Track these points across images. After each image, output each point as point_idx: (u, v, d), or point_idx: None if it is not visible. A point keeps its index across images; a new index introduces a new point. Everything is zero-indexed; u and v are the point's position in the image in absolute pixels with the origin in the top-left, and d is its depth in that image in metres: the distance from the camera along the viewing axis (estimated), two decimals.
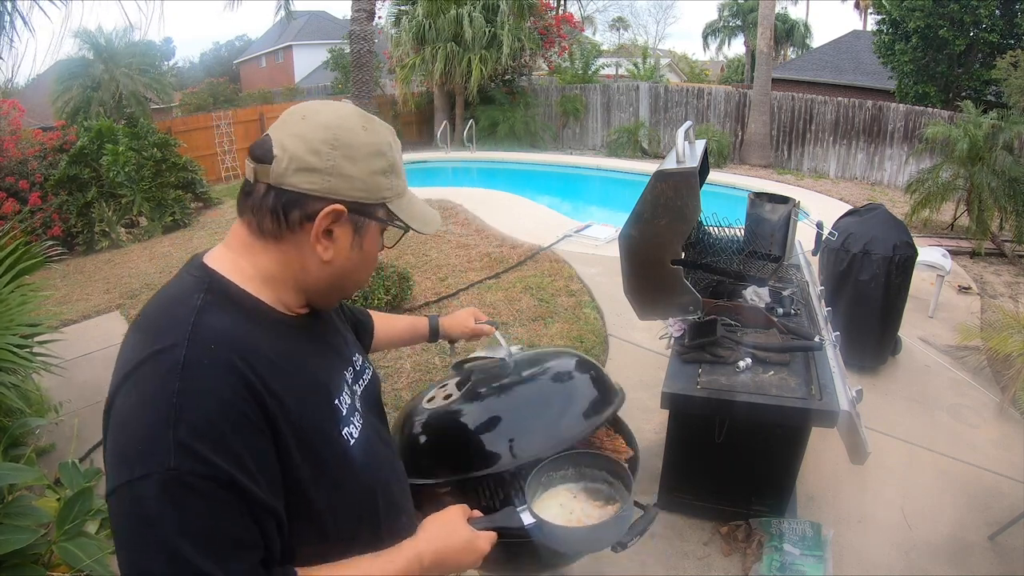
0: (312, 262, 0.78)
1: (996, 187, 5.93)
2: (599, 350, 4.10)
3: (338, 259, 0.79)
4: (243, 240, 0.79)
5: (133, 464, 0.63)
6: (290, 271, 0.79)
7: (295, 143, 0.74)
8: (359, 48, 4.25)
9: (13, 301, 2.65)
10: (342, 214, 0.76)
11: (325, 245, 0.77)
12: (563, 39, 14.75)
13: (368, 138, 0.78)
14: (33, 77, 6.21)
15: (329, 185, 0.75)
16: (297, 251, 0.77)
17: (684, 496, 2.53)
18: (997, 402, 3.44)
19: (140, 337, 0.71)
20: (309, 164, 0.74)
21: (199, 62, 34.94)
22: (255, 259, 0.78)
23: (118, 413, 0.68)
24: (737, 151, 11.67)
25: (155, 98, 11.66)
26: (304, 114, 0.77)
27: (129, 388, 0.67)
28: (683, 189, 2.08)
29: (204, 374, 0.66)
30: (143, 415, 0.65)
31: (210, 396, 0.65)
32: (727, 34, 27.52)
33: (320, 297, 0.84)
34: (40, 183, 7.30)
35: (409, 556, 0.82)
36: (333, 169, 0.75)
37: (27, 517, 1.59)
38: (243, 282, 0.77)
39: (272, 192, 0.75)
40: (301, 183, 0.74)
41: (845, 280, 3.63)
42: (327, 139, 0.75)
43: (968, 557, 2.38)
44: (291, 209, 0.75)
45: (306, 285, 0.80)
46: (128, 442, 0.65)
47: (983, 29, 10.72)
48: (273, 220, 0.76)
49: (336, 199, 0.76)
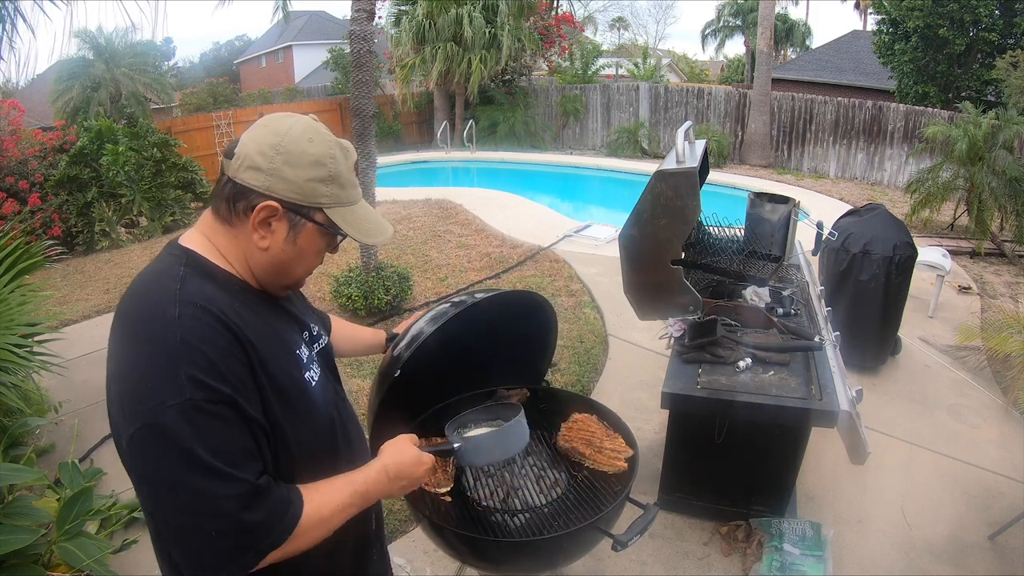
0: (253, 248, 0.91)
1: (996, 187, 5.93)
2: (599, 350, 4.10)
3: (274, 249, 0.91)
4: (209, 223, 0.94)
5: (148, 401, 0.76)
6: (240, 252, 0.92)
7: (250, 145, 0.88)
8: (359, 48, 4.24)
9: (13, 301, 2.65)
10: (276, 210, 0.89)
11: (262, 234, 0.90)
12: (563, 39, 14.75)
13: (311, 148, 0.90)
14: (33, 77, 6.22)
15: (269, 183, 0.88)
16: (244, 236, 0.91)
17: (684, 496, 2.53)
18: (997, 402, 3.44)
19: (135, 303, 0.86)
20: (255, 164, 0.87)
21: (199, 62, 34.93)
22: (217, 239, 0.92)
23: (127, 363, 0.81)
24: (737, 151, 11.67)
25: (155, 98, 11.66)
26: (267, 123, 0.91)
27: (135, 341, 0.82)
28: (683, 189, 2.08)
29: (197, 325, 0.81)
30: (153, 361, 0.78)
31: (205, 341, 0.80)
32: (727, 34, 27.50)
33: (264, 280, 0.96)
34: (40, 183, 7.30)
35: (378, 468, 1.02)
36: (274, 171, 0.87)
37: (27, 517, 1.59)
38: (213, 257, 0.91)
39: (229, 183, 0.89)
40: (248, 179, 0.88)
41: (845, 280, 3.63)
42: (274, 144, 0.88)
43: (968, 557, 2.38)
44: (238, 199, 0.89)
45: (252, 267, 0.94)
46: (140, 385, 0.78)
47: (983, 29, 10.72)
48: (226, 207, 0.90)
49: (273, 197, 0.88)
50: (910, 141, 9.66)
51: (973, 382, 3.66)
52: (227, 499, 0.77)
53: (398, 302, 4.62)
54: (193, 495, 0.76)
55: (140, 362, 0.79)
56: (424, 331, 1.50)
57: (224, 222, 0.92)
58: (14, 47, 3.71)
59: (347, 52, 7.86)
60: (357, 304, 4.42)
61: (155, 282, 0.87)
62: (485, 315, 1.57)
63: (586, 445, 1.67)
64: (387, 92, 13.72)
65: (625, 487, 1.52)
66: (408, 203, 8.20)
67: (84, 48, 10.37)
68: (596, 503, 1.55)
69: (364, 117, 4.33)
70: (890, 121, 10.01)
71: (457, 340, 1.53)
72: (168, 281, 0.85)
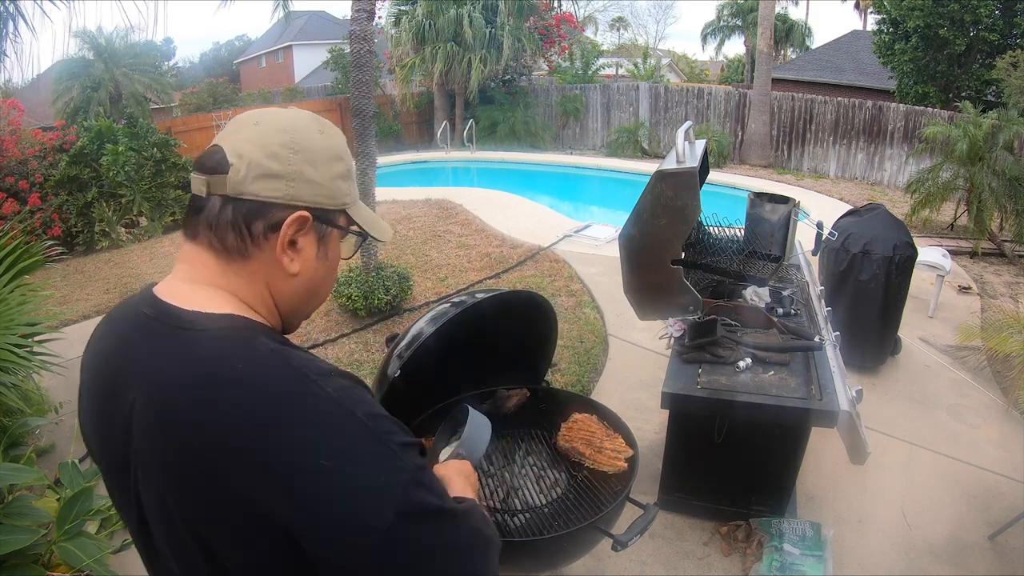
0: (279, 277, 0.73)
1: (996, 187, 5.93)
2: (599, 350, 4.10)
3: (305, 271, 0.74)
4: (210, 266, 0.71)
5: (387, 492, 0.61)
6: (259, 291, 0.73)
7: (252, 149, 0.69)
8: (359, 48, 4.24)
9: (13, 301, 2.65)
10: (307, 221, 0.71)
11: (291, 257, 0.72)
12: (563, 39, 14.75)
13: (326, 142, 0.75)
14: (33, 77, 6.21)
15: (292, 191, 0.70)
16: (263, 267, 0.71)
17: (684, 496, 2.53)
18: (997, 402, 3.44)
19: (244, 393, 0.61)
20: (270, 170, 0.69)
21: (199, 62, 34.91)
22: (231, 283, 0.71)
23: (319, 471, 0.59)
24: (737, 151, 11.67)
25: (155, 98, 11.67)
26: (257, 120, 0.73)
27: (302, 444, 0.60)
28: (683, 189, 2.08)
29: (347, 386, 0.65)
30: (357, 448, 0.62)
31: (366, 399, 0.67)
32: (727, 34, 27.49)
33: (289, 316, 0.78)
34: (40, 183, 7.30)
35: (461, 470, 0.96)
36: (295, 174, 0.70)
37: (27, 517, 1.59)
38: (240, 311, 0.70)
39: (230, 204, 0.69)
40: (262, 191, 0.69)
41: (845, 280, 3.63)
42: (286, 143, 0.70)
43: (968, 557, 2.38)
44: (254, 220, 0.69)
45: (276, 304, 0.75)
46: (362, 477, 0.61)
47: (983, 29, 10.71)
48: (236, 235, 0.69)
49: (300, 205, 0.71)
50: (910, 141, 9.66)
51: (973, 382, 3.65)
52: (480, 524, 0.73)
53: (398, 302, 4.62)
54: (472, 536, 0.70)
55: (340, 454, 0.61)
56: (424, 331, 1.50)
57: (236, 256, 0.70)
58: (17, 45, 3.71)
59: (347, 52, 7.86)
60: (357, 304, 4.42)
61: (248, 365, 0.63)
62: (485, 315, 1.57)
63: (586, 445, 1.67)
64: (387, 92, 13.72)
65: (625, 487, 1.52)
66: (408, 203, 8.20)
67: (84, 48, 10.38)
68: (596, 503, 1.55)
69: (364, 117, 4.33)
70: (890, 121, 10.01)
71: (457, 340, 1.53)
72: (262, 359, 0.64)
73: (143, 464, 0.65)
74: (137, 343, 0.69)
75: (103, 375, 0.72)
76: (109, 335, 0.75)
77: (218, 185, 0.69)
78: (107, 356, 0.73)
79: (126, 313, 0.74)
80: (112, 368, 0.71)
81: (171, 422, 0.62)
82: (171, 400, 0.62)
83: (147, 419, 0.64)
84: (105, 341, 0.75)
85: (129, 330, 0.71)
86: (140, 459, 0.66)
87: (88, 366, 0.76)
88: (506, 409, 1.84)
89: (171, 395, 0.62)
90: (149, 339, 0.68)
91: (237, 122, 0.74)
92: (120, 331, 0.73)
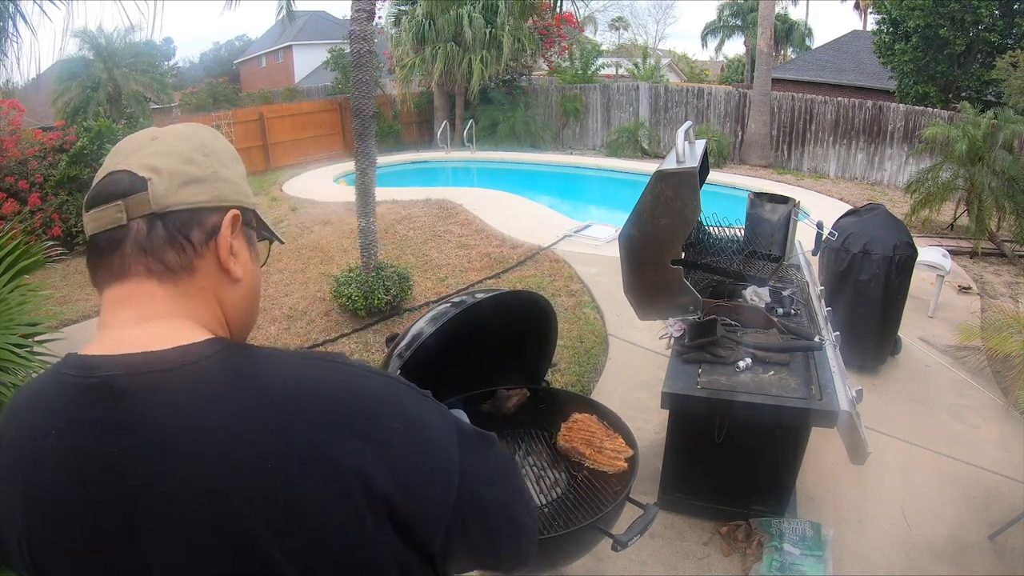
0: (224, 287, 0.67)
1: (996, 187, 5.93)
2: (599, 350, 4.10)
3: (247, 275, 0.69)
4: (159, 296, 0.62)
5: (449, 433, 0.65)
6: (212, 308, 0.66)
7: (166, 160, 0.64)
8: (359, 48, 4.24)
9: (13, 301, 2.64)
10: (239, 221, 0.67)
11: (234, 261, 0.67)
12: (563, 39, 14.74)
13: (223, 143, 0.72)
14: (33, 77, 6.20)
15: (217, 191, 0.66)
16: (209, 280, 0.65)
17: (684, 496, 2.53)
18: (997, 402, 3.44)
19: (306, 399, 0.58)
20: (192, 175, 0.64)
21: (199, 62, 34.91)
22: (186, 309, 0.63)
23: (398, 433, 0.60)
24: (737, 151, 11.67)
25: (155, 98, 11.66)
26: (153, 136, 0.68)
27: (375, 417, 0.60)
28: (683, 189, 2.08)
29: (366, 369, 0.66)
30: (413, 404, 0.64)
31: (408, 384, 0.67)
32: (727, 34, 27.49)
33: (243, 325, 0.72)
34: (40, 183, 7.30)
35: None
36: (214, 175, 0.66)
37: None
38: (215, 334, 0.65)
39: (158, 220, 0.62)
40: (190, 197, 0.63)
41: (845, 280, 3.63)
42: (196, 147, 0.67)
43: (968, 557, 2.38)
44: (190, 229, 0.63)
45: (227, 315, 0.68)
46: (431, 427, 0.64)
47: (983, 29, 10.71)
48: (176, 250, 0.62)
49: (227, 205, 0.67)
50: (910, 141, 9.66)
51: (973, 382, 3.65)
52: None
53: (398, 302, 4.62)
54: (522, 495, 0.78)
55: (409, 417, 0.62)
56: (424, 331, 1.50)
57: (178, 278, 0.63)
58: (17, 45, 3.71)
59: (347, 52, 7.86)
60: (357, 304, 4.42)
61: (293, 378, 0.60)
62: (485, 315, 1.57)
63: (586, 445, 1.67)
64: (387, 92, 13.72)
65: (625, 487, 1.52)
66: (408, 203, 8.20)
67: (84, 48, 10.37)
68: (596, 503, 1.55)
69: (364, 117, 4.33)
70: (890, 121, 10.01)
71: (457, 340, 1.53)
72: (291, 361, 0.62)
73: (217, 531, 0.54)
74: (128, 413, 0.55)
75: (77, 482, 0.56)
76: (60, 427, 0.57)
77: (140, 205, 0.61)
78: (79, 452, 0.56)
79: (65, 395, 0.58)
80: (100, 458, 0.55)
81: (262, 464, 0.54)
82: (229, 444, 0.54)
83: (206, 484, 0.54)
84: (47, 442, 0.57)
85: (91, 411, 0.56)
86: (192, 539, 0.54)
87: (37, 491, 0.58)
88: (506, 409, 1.84)
89: (248, 441, 0.54)
90: (146, 400, 0.56)
91: (128, 146, 0.67)
92: (77, 414, 0.57)
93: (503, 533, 0.73)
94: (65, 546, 0.58)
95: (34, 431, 0.59)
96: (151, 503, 0.54)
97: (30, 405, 0.62)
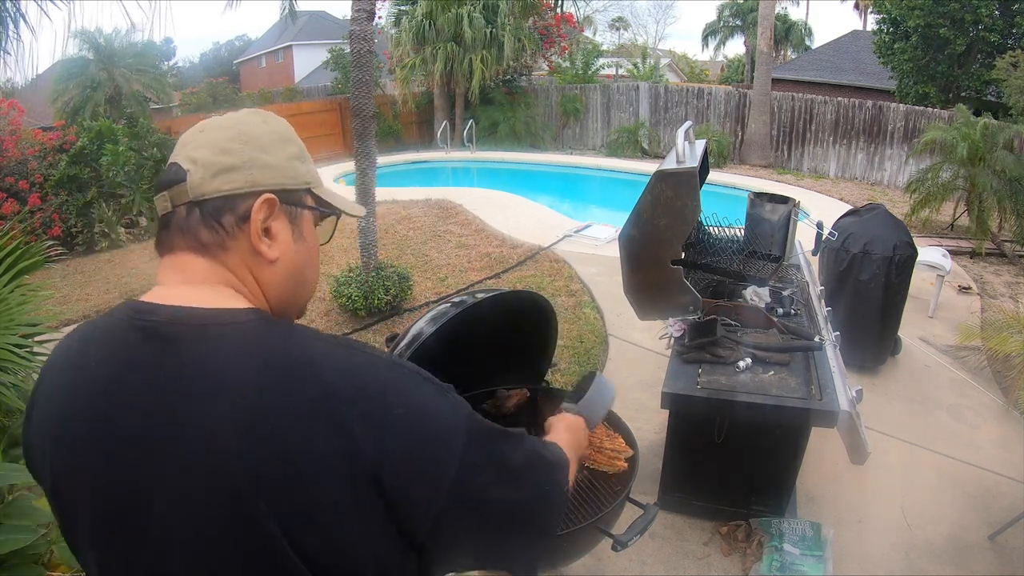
0: (260, 266, 0.73)
1: (997, 187, 5.92)
2: (599, 350, 4.10)
3: (285, 256, 0.74)
4: (199, 266, 0.70)
5: (458, 423, 0.68)
6: (248, 282, 0.73)
7: (202, 152, 0.71)
8: (359, 48, 4.25)
9: (13, 301, 2.64)
10: (275, 204, 0.72)
11: (267, 244, 0.72)
12: (563, 39, 14.74)
13: (270, 127, 0.76)
14: (33, 77, 6.20)
15: (251, 178, 0.71)
16: (243, 258, 0.71)
17: (684, 496, 2.53)
18: (997, 402, 3.45)
19: (312, 380, 0.62)
20: (224, 164, 0.70)
21: (199, 62, 34.92)
22: (224, 277, 0.71)
23: (400, 416, 0.64)
24: (737, 151, 11.67)
25: (155, 98, 11.67)
26: (201, 128, 0.74)
27: (386, 399, 0.64)
28: (683, 189, 2.08)
29: (392, 359, 0.73)
30: (425, 392, 0.68)
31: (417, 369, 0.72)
32: (727, 34, 27.49)
33: (285, 302, 0.77)
34: (40, 183, 7.30)
35: (568, 422, 1.17)
36: (250, 162, 0.71)
37: (27, 517, 1.59)
38: (253, 304, 0.72)
39: (195, 207, 0.70)
40: (222, 185, 0.70)
41: (845, 280, 3.63)
42: (233, 137, 0.72)
43: (968, 557, 2.38)
44: (222, 215, 0.70)
45: (266, 295, 0.74)
46: (439, 414, 0.68)
47: (983, 29, 10.71)
48: (209, 231, 0.70)
49: (263, 190, 0.71)
50: (910, 141, 9.66)
51: (973, 382, 3.65)
52: (539, 447, 0.81)
53: (398, 302, 4.62)
54: (532, 457, 0.78)
55: (415, 411, 0.66)
56: (424, 331, 1.49)
57: (213, 254, 0.70)
58: (18, 45, 3.71)
59: (347, 52, 7.86)
60: (357, 304, 4.42)
61: (310, 354, 0.65)
62: (485, 315, 1.57)
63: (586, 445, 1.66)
64: (387, 92, 13.71)
65: (625, 487, 1.52)
66: (408, 203, 8.20)
67: (84, 48, 10.37)
68: (596, 503, 1.54)
69: (364, 117, 4.33)
70: (890, 121, 10.01)
71: (457, 340, 1.52)
72: (314, 344, 0.66)
73: (215, 472, 0.59)
74: (167, 352, 0.63)
75: (114, 402, 0.64)
76: (101, 358, 0.66)
77: (179, 195, 0.70)
78: (113, 380, 0.64)
79: (114, 332, 0.67)
80: (131, 388, 0.63)
81: (267, 413, 0.59)
82: (263, 392, 0.60)
83: (232, 421, 0.59)
84: (101, 367, 0.66)
85: (139, 345, 0.64)
86: (208, 471, 0.60)
87: (77, 400, 0.66)
88: (506, 409, 1.84)
89: (259, 388, 0.61)
90: (183, 343, 0.63)
91: (183, 139, 0.75)
92: (121, 349, 0.65)
93: (510, 532, 0.74)
94: (86, 461, 0.65)
95: (82, 357, 0.69)
96: (168, 433, 0.61)
97: (81, 337, 0.71)
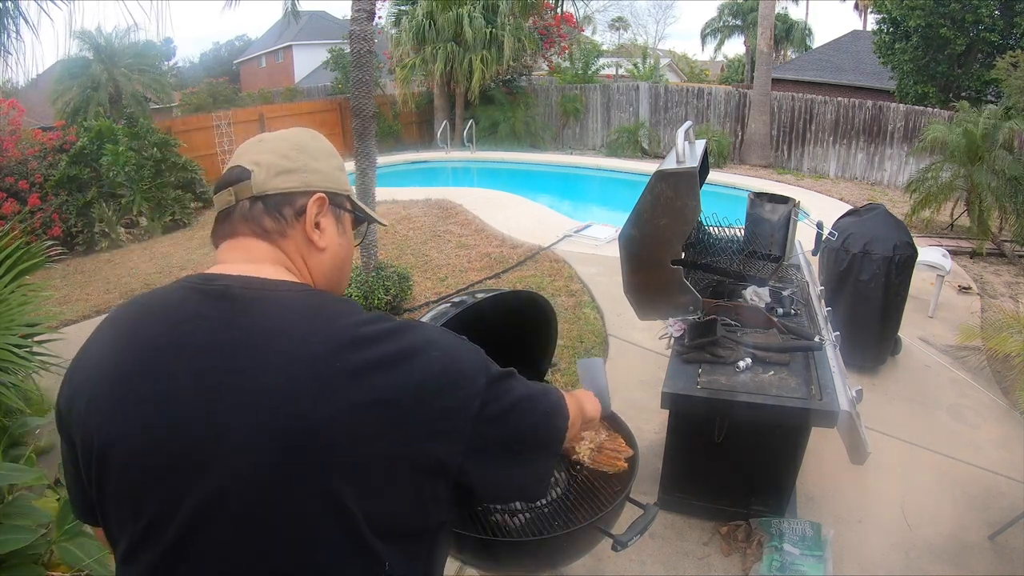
0: (311, 253, 0.87)
1: (996, 187, 5.92)
2: (599, 350, 4.10)
3: (331, 246, 0.88)
4: (261, 248, 0.83)
5: (481, 368, 0.80)
6: (300, 267, 0.86)
7: (267, 156, 0.85)
8: (359, 48, 4.25)
9: (13, 301, 2.65)
10: (325, 202, 0.87)
11: (319, 234, 0.86)
12: (563, 39, 14.74)
13: (319, 143, 0.91)
14: (34, 77, 6.20)
15: (306, 180, 0.86)
16: (298, 245, 0.85)
17: (684, 496, 2.53)
18: (997, 402, 3.44)
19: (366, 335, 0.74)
20: (284, 167, 0.85)
21: (199, 62, 34.91)
22: (283, 260, 0.84)
23: (435, 359, 0.75)
24: (737, 151, 11.66)
25: (155, 98, 11.65)
26: (260, 138, 0.90)
27: (421, 355, 0.75)
28: (683, 189, 2.08)
29: (432, 327, 0.84)
30: (456, 345, 0.81)
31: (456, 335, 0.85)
32: (727, 34, 27.49)
33: (329, 288, 0.91)
34: (40, 183, 7.30)
35: (576, 392, 1.23)
36: (305, 167, 0.86)
37: (27, 517, 1.59)
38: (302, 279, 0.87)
39: (259, 201, 0.83)
40: (283, 184, 0.84)
41: (845, 280, 3.63)
42: (292, 147, 0.87)
43: (968, 557, 2.38)
44: (282, 207, 0.84)
45: (314, 278, 0.88)
46: (463, 366, 0.78)
47: (983, 29, 10.71)
48: (272, 219, 0.84)
49: (316, 190, 0.86)
50: (910, 141, 9.66)
51: (973, 382, 3.65)
52: (552, 391, 0.97)
53: (398, 302, 4.62)
54: (547, 394, 0.93)
55: (447, 355, 0.78)
56: None
57: (277, 237, 0.84)
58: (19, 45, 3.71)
59: (347, 52, 7.87)
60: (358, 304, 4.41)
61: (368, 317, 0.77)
62: (485, 315, 1.57)
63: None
64: (387, 92, 13.72)
65: (625, 487, 1.52)
66: (408, 203, 8.20)
67: (84, 48, 10.35)
68: (596, 503, 1.54)
69: (364, 117, 4.33)
70: (890, 121, 10.01)
71: None
72: (354, 309, 0.79)
73: (277, 420, 0.67)
74: (235, 310, 0.74)
75: (183, 357, 0.72)
76: (166, 315, 0.76)
77: (244, 190, 0.83)
78: (185, 334, 0.73)
79: (181, 293, 0.77)
80: (199, 342, 0.72)
81: (324, 368, 0.69)
82: (323, 345, 0.71)
83: (291, 375, 0.68)
84: (165, 322, 0.75)
85: (211, 303, 0.75)
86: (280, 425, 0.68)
87: (145, 354, 0.74)
88: None
89: (319, 342, 0.71)
90: (253, 304, 0.75)
91: (243, 148, 0.89)
92: (191, 306, 0.75)
93: (524, 448, 0.85)
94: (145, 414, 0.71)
95: (145, 316, 0.79)
96: (235, 384, 0.69)
97: (151, 297, 0.81)
